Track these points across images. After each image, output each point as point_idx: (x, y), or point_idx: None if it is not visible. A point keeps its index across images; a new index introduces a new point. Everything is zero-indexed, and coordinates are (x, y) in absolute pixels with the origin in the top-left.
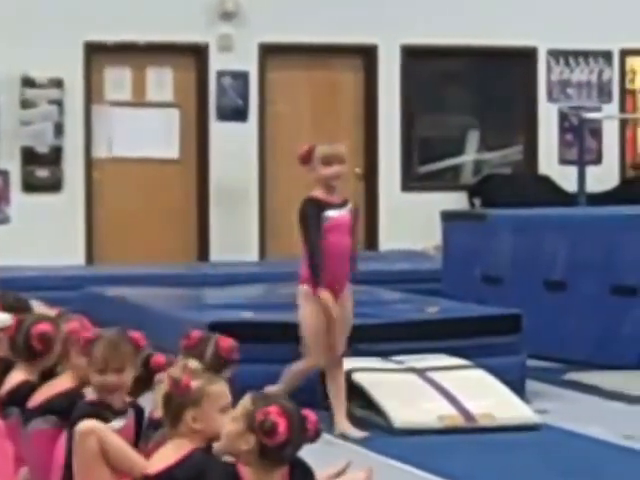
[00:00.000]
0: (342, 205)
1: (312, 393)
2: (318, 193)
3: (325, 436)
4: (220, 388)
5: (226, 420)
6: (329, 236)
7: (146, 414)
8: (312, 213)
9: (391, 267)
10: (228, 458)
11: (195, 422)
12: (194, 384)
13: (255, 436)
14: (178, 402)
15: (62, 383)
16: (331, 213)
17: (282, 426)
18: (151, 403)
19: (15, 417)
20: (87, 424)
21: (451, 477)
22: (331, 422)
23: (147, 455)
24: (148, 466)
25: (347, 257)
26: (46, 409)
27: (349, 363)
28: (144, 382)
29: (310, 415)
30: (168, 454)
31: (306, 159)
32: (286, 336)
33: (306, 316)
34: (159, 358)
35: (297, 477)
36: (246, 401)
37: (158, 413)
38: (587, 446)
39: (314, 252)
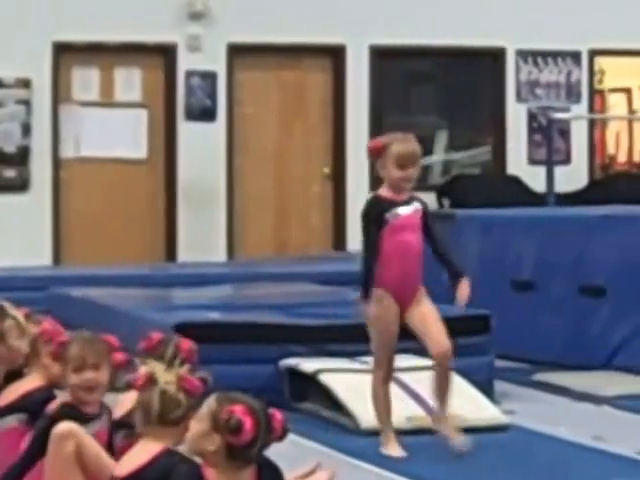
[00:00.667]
0: (409, 203)
1: (279, 393)
2: (384, 192)
3: (291, 436)
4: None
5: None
6: (395, 236)
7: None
8: (373, 214)
9: (359, 267)
10: (197, 459)
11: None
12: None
13: (221, 436)
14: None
15: (31, 382)
16: (397, 211)
17: (248, 425)
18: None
19: None
20: (65, 426)
21: (419, 478)
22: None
23: (118, 453)
24: (117, 468)
25: (416, 257)
26: (16, 407)
27: (316, 364)
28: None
29: (276, 414)
30: (138, 455)
31: (377, 154)
32: (253, 337)
33: (375, 321)
34: (119, 356)
35: (265, 478)
36: (211, 401)
37: (119, 413)
38: (555, 447)
39: (368, 255)
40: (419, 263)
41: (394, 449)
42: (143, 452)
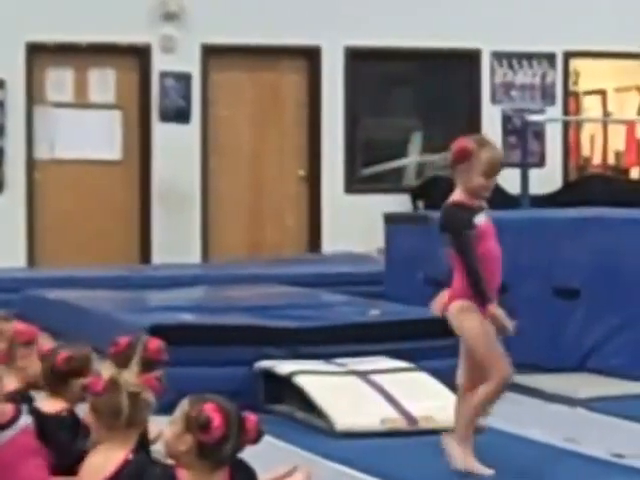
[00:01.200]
0: (483, 209)
1: (254, 395)
2: (462, 197)
3: (266, 438)
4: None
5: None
6: (480, 244)
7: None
8: (463, 221)
9: (334, 269)
10: (170, 461)
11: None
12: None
13: (192, 435)
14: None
15: (7, 385)
16: (480, 218)
17: (217, 421)
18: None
19: None
20: None
21: None
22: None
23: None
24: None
25: (500, 265)
26: None
27: (291, 366)
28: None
29: (250, 417)
30: (105, 463)
31: (463, 158)
32: (228, 339)
33: (473, 331)
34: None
35: (239, 479)
36: (184, 403)
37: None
38: (528, 449)
39: (476, 266)
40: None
41: (478, 466)
42: (110, 459)
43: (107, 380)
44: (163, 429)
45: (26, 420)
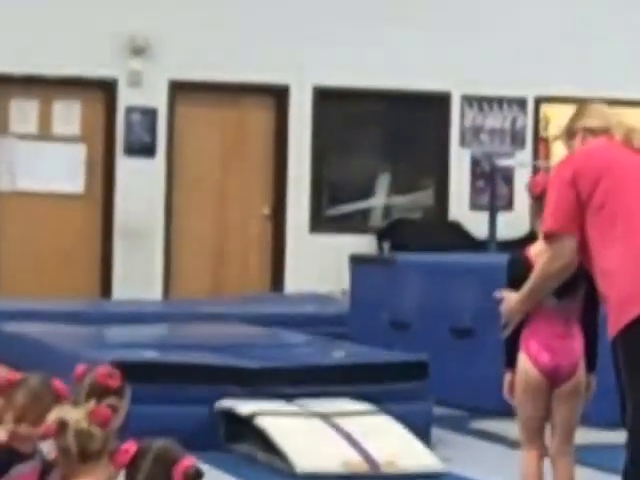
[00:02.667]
0: None
1: (214, 434)
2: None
3: (228, 478)
4: None
5: None
6: None
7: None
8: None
9: (297, 309)
10: None
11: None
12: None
13: None
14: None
15: None
16: None
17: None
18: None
19: None
20: None
21: None
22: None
23: None
24: None
25: None
26: None
27: (252, 406)
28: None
29: (186, 461)
30: None
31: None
32: (189, 377)
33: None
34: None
35: None
36: None
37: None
38: None
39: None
40: None
41: None
42: None
43: (55, 423)
44: None
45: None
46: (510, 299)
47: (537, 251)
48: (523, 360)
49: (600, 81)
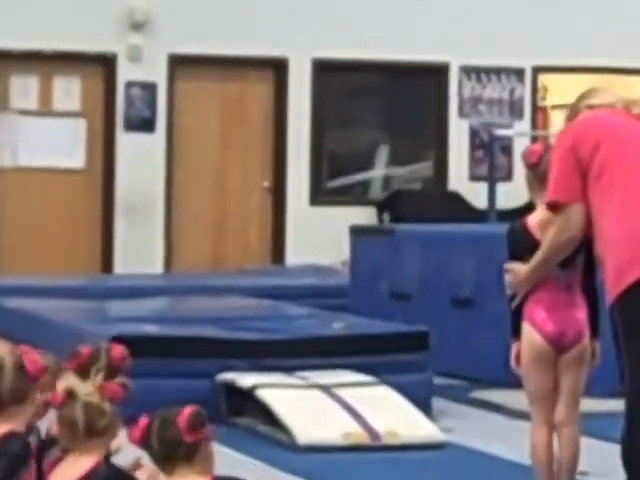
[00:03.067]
0: None
1: (216, 407)
2: None
3: (228, 451)
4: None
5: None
6: None
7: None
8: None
9: (298, 282)
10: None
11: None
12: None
13: None
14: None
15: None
16: None
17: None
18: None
19: None
20: None
21: None
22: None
23: (46, 473)
24: None
25: None
26: None
27: (253, 379)
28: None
29: (187, 410)
30: (70, 473)
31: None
32: (190, 351)
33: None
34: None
35: None
36: None
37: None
38: (492, 465)
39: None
40: None
41: None
42: (74, 469)
43: (63, 392)
44: (122, 441)
45: None
46: (518, 271)
47: (537, 220)
48: (528, 330)
49: (596, 50)
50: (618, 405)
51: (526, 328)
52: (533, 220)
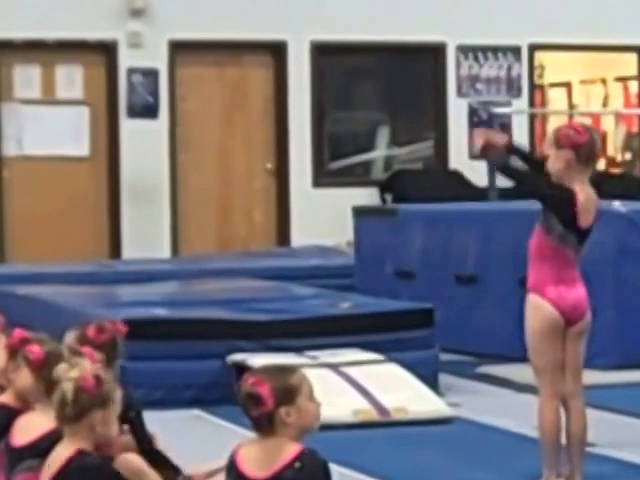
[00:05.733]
0: None
1: (227, 388)
2: None
3: (239, 430)
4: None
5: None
6: None
7: None
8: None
9: (303, 263)
10: None
11: (100, 424)
12: (106, 386)
13: None
14: (87, 401)
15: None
16: None
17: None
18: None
19: None
20: None
21: (365, 471)
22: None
23: None
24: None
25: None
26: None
27: (263, 359)
28: None
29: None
30: (59, 456)
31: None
32: (200, 333)
33: None
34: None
35: None
36: None
37: (22, 441)
38: (499, 438)
39: None
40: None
41: None
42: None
43: (94, 376)
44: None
45: None
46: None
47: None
48: (543, 304)
49: (592, 28)
50: (620, 377)
51: (540, 302)
52: (582, 196)
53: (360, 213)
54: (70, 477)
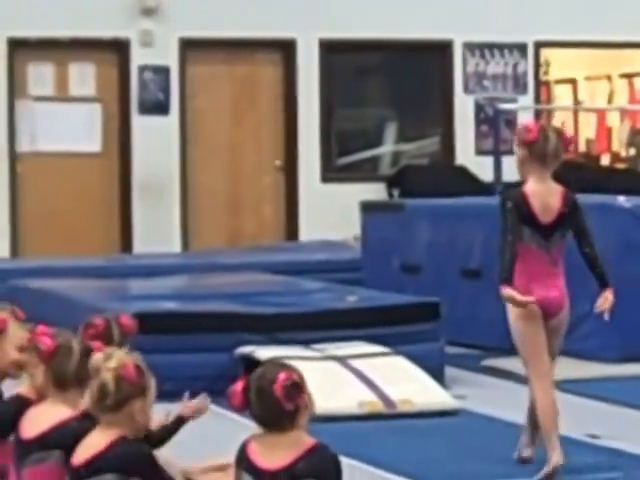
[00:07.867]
0: None
1: (235, 380)
2: None
3: (247, 422)
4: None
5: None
6: None
7: None
8: None
9: (311, 257)
10: None
11: (139, 413)
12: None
13: None
14: (128, 391)
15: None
16: None
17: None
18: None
19: None
20: None
21: (372, 462)
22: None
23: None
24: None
25: None
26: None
27: (270, 351)
28: None
29: (280, 377)
30: (97, 441)
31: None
32: (209, 326)
33: None
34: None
35: None
36: None
37: (31, 433)
38: (504, 430)
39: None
40: None
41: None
42: (103, 438)
43: (134, 365)
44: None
45: None
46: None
47: (534, 190)
48: (514, 295)
49: (597, 25)
50: (624, 370)
51: (512, 294)
52: (530, 189)
53: (367, 208)
54: (112, 461)
